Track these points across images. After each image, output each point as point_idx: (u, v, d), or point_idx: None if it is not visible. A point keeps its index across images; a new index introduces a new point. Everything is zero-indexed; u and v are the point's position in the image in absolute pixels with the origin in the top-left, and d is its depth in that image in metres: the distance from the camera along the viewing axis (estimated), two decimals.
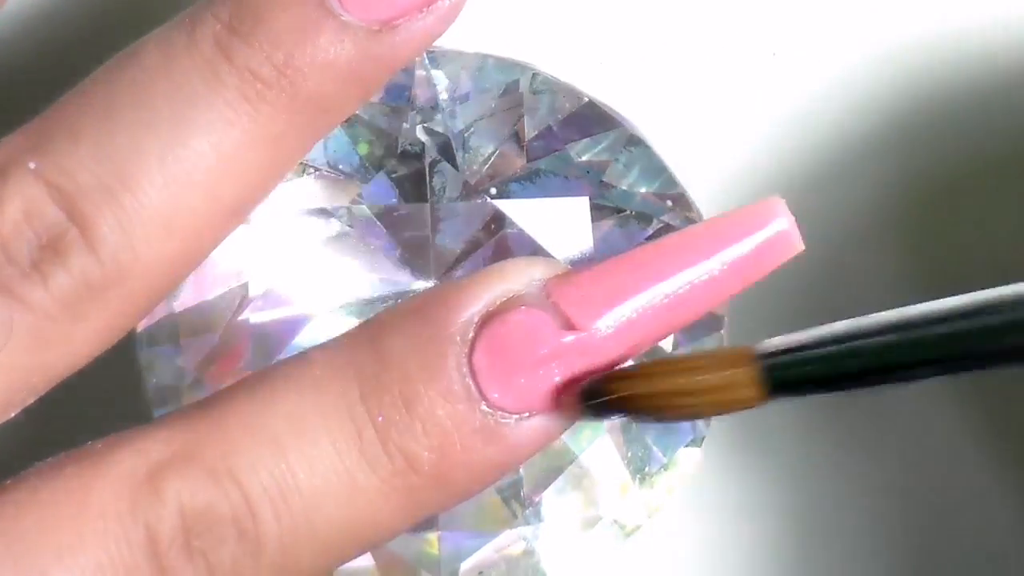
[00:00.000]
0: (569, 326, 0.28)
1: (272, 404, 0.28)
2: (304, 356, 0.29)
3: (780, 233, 0.28)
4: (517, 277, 0.28)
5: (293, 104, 0.28)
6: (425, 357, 0.28)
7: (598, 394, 0.28)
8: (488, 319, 0.28)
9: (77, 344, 0.28)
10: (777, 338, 0.27)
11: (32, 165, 0.27)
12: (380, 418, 0.28)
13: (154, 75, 0.28)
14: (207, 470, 0.27)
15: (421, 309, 0.28)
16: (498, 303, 0.28)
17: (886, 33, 0.40)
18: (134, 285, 0.28)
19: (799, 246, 0.28)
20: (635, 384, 0.27)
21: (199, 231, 0.29)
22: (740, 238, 0.28)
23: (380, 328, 0.28)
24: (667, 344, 0.35)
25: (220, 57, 0.28)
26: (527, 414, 0.28)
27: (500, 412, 0.28)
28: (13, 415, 0.29)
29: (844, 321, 0.27)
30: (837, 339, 0.26)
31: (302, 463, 0.27)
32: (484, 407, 0.28)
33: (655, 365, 0.28)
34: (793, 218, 0.28)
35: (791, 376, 0.27)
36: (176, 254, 0.29)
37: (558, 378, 0.28)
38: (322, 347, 0.29)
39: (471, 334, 0.28)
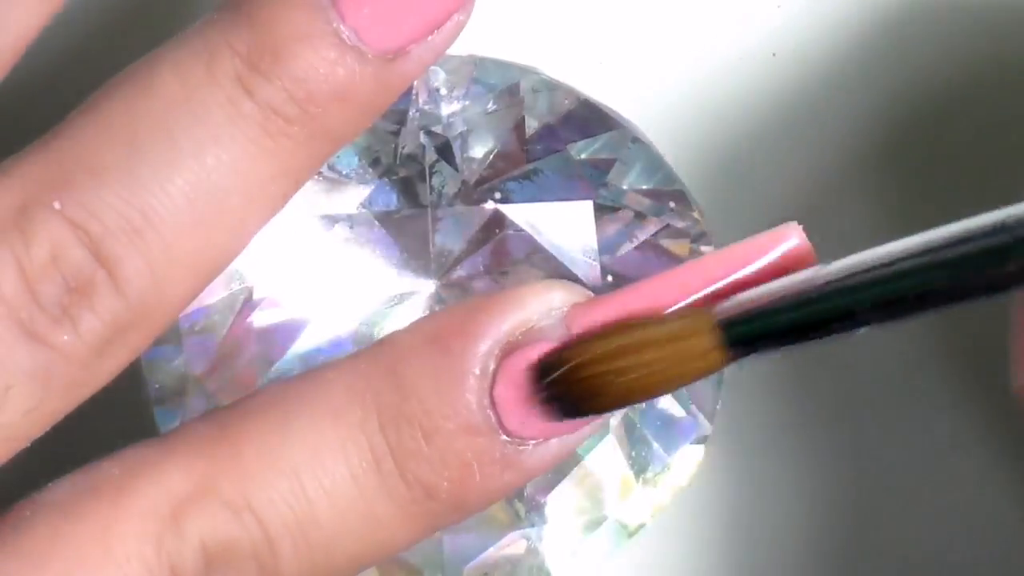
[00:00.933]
0: None
1: (290, 433, 0.28)
2: (321, 378, 0.29)
3: (793, 252, 0.28)
4: (536, 305, 0.28)
5: (312, 137, 0.28)
6: (446, 390, 0.28)
7: (552, 367, 0.28)
8: (508, 352, 0.28)
9: (100, 378, 0.28)
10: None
11: (57, 205, 0.27)
12: (399, 449, 0.28)
13: (175, 109, 0.28)
14: (227, 505, 0.27)
15: (440, 338, 0.28)
16: (518, 333, 0.28)
17: (886, 33, 0.40)
18: (156, 319, 0.28)
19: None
20: (589, 347, 0.27)
21: (219, 263, 0.29)
22: (754, 262, 0.28)
23: (399, 356, 0.28)
24: None
25: (241, 94, 0.28)
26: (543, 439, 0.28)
27: (518, 440, 0.28)
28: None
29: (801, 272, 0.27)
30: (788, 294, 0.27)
31: (321, 495, 0.28)
32: (503, 437, 0.28)
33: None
34: (806, 240, 0.28)
35: (744, 332, 0.27)
36: (196, 285, 0.29)
37: None
38: (338, 369, 0.29)
39: (492, 366, 0.28)
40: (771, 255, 0.28)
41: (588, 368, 0.27)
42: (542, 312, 0.28)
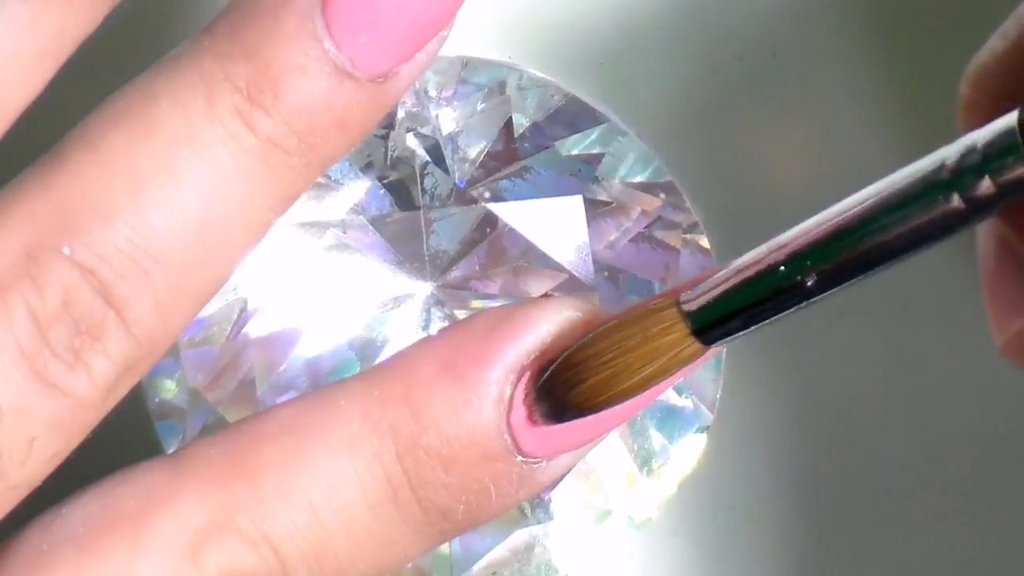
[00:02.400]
0: None
1: (306, 464, 0.28)
2: (335, 406, 0.28)
3: None
4: (548, 326, 0.28)
5: (310, 165, 0.28)
6: (464, 420, 0.28)
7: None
8: (524, 376, 0.28)
9: (106, 410, 0.29)
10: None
11: (66, 251, 0.27)
12: (417, 478, 0.28)
13: (178, 148, 0.28)
14: (244, 537, 0.27)
15: (456, 366, 0.28)
16: (531, 358, 0.28)
17: (887, 32, 0.40)
18: (160, 351, 0.28)
19: None
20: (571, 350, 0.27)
21: (217, 290, 0.29)
22: None
23: (414, 384, 0.28)
24: None
25: (244, 130, 0.28)
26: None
27: (533, 459, 0.28)
28: None
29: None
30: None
31: (337, 526, 0.28)
32: (519, 459, 0.28)
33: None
34: None
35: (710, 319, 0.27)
36: (196, 314, 0.29)
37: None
38: (352, 395, 0.28)
39: (508, 392, 0.28)
40: None
41: (573, 361, 0.27)
42: (555, 333, 0.28)
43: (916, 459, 0.39)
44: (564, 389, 0.27)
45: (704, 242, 0.35)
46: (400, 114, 0.35)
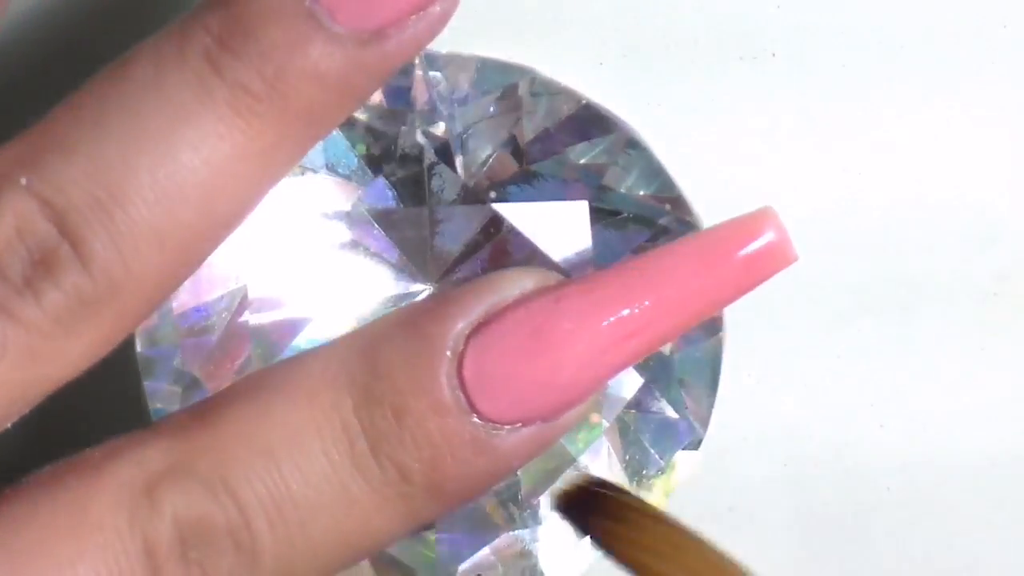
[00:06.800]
0: None
1: (266, 414, 0.28)
2: (299, 363, 0.29)
3: (770, 245, 0.28)
4: (509, 289, 0.28)
5: (284, 117, 0.28)
6: (416, 370, 0.28)
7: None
8: (475, 332, 0.28)
9: (71, 358, 0.28)
10: None
11: (23, 181, 0.27)
12: (372, 430, 0.28)
13: (145, 89, 0.28)
14: (202, 481, 0.27)
15: (414, 321, 0.28)
16: (488, 317, 0.28)
17: (886, 33, 0.40)
18: (126, 299, 0.28)
19: (792, 257, 0.28)
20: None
21: (191, 244, 0.29)
22: (730, 251, 0.28)
23: (373, 338, 0.28)
24: (665, 347, 0.35)
25: (210, 71, 0.28)
26: (519, 425, 0.28)
27: (490, 424, 0.28)
28: (9, 425, 0.29)
29: None
30: None
31: (295, 474, 0.28)
32: (474, 419, 0.28)
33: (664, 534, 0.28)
34: (784, 228, 0.28)
35: None
36: (168, 267, 0.29)
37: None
38: (316, 354, 0.29)
39: (461, 347, 0.28)
40: (746, 250, 0.28)
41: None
42: (515, 295, 0.28)
43: (916, 460, 0.39)
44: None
45: None
46: (411, 113, 0.35)
